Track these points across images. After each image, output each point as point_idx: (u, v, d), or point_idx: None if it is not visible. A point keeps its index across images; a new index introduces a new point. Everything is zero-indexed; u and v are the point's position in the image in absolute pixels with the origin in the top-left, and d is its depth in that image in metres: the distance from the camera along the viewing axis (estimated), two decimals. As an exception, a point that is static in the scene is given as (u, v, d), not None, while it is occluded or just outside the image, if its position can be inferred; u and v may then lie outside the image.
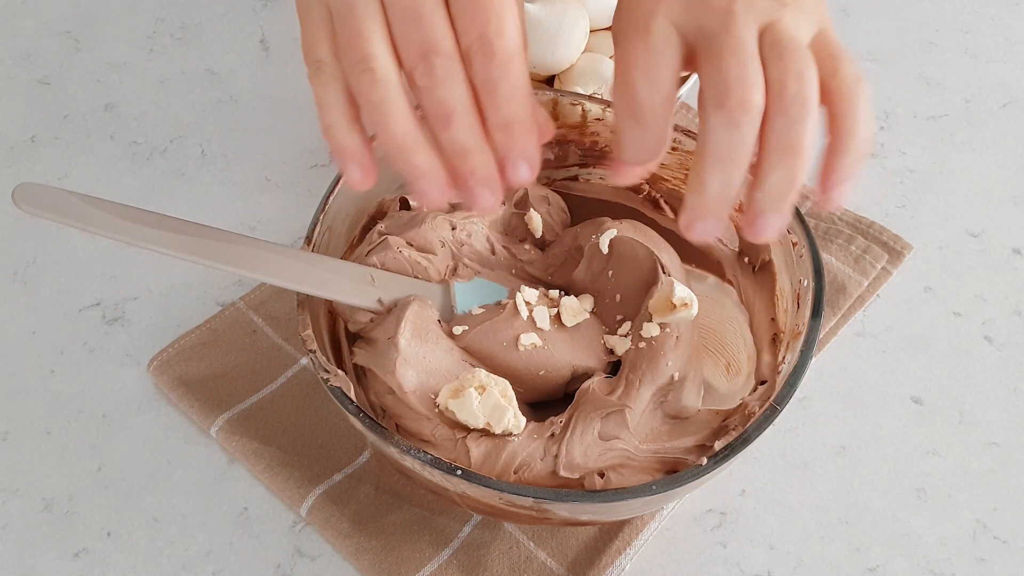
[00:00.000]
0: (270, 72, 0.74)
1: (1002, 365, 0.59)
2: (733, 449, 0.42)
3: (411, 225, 0.52)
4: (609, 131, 0.54)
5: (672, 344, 0.49)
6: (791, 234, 0.49)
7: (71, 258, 0.63)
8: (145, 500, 0.53)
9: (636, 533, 0.51)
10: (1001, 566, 0.51)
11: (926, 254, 0.64)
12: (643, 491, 0.41)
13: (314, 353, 0.44)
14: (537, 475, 0.45)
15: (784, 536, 0.52)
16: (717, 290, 0.55)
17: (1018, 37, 0.77)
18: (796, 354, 0.45)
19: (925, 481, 0.54)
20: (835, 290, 0.60)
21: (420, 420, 0.47)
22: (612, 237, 0.52)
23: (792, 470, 0.55)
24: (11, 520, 0.52)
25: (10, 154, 0.69)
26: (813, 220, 0.64)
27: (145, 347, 0.59)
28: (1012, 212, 0.66)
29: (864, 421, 0.56)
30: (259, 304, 0.60)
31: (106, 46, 0.76)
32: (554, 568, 0.50)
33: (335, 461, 0.53)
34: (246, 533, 0.52)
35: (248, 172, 0.68)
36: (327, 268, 0.48)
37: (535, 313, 0.50)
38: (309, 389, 0.56)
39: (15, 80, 0.74)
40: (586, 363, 0.50)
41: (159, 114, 0.71)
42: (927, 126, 0.71)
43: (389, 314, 0.49)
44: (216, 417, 0.54)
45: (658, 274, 0.51)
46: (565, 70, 0.61)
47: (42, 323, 0.60)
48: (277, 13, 0.77)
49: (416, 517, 0.52)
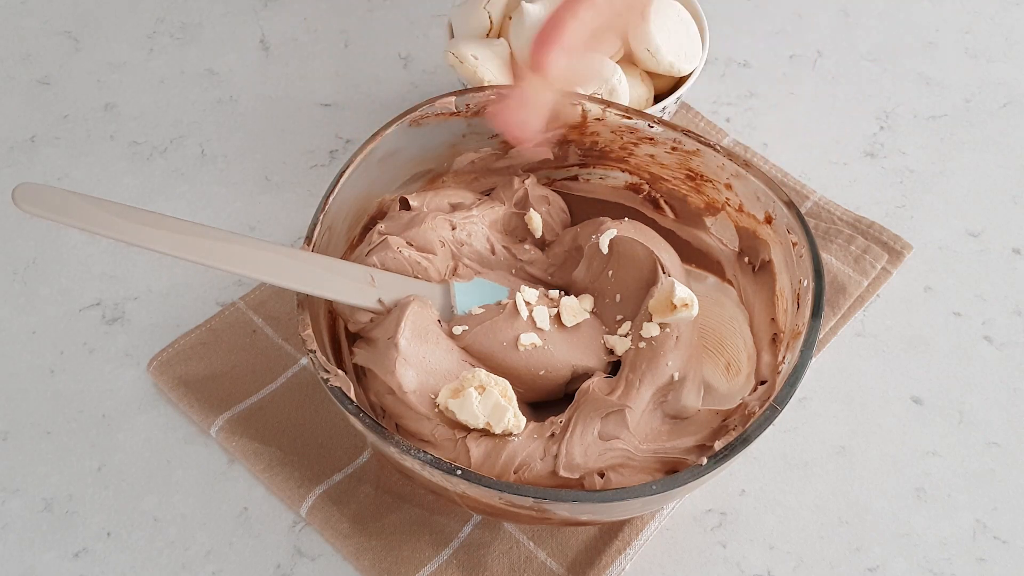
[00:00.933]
0: (270, 72, 0.74)
1: (1002, 365, 0.59)
2: (733, 449, 0.42)
3: (411, 225, 0.52)
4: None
5: (672, 344, 0.49)
6: (791, 234, 0.49)
7: (71, 258, 0.63)
8: (145, 500, 0.53)
9: (636, 533, 0.51)
10: (1001, 566, 0.51)
11: (926, 254, 0.64)
12: (643, 491, 0.41)
13: (314, 353, 0.44)
14: (537, 475, 0.45)
15: (784, 536, 0.52)
16: (717, 290, 0.55)
17: (1018, 37, 0.77)
18: (796, 354, 0.45)
19: (925, 481, 0.54)
20: (835, 290, 0.60)
21: (420, 420, 0.47)
22: (612, 237, 0.53)
23: (792, 470, 0.55)
24: (11, 520, 0.52)
25: (10, 154, 0.69)
26: (813, 220, 0.64)
27: (145, 347, 0.59)
28: (1012, 212, 0.66)
29: (864, 421, 0.56)
30: (259, 304, 0.60)
31: (106, 46, 0.76)
32: (554, 568, 0.50)
33: (335, 461, 0.54)
34: (246, 533, 0.52)
35: (248, 172, 0.68)
36: (327, 268, 0.48)
37: (535, 313, 0.50)
38: (309, 389, 0.56)
39: (15, 80, 0.74)
40: (586, 363, 0.50)
41: (159, 114, 0.71)
42: (927, 126, 0.71)
43: (389, 314, 0.49)
44: (216, 417, 0.54)
45: (658, 274, 0.51)
46: (565, 70, 0.61)
47: (42, 323, 0.60)
48: (277, 13, 0.77)
49: (416, 517, 0.52)
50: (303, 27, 0.76)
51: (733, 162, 0.51)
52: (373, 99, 0.72)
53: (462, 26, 0.64)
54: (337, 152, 0.69)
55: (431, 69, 0.74)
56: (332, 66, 0.74)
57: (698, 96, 0.72)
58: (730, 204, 0.54)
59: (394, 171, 0.54)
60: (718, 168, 0.53)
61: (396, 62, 0.75)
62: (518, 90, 0.52)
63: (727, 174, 0.52)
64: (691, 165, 0.54)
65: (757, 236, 0.53)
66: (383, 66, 0.74)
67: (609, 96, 0.60)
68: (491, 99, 0.53)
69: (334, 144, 0.69)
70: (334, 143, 0.69)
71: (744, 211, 0.53)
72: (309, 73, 0.74)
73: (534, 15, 0.59)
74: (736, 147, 0.68)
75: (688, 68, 0.62)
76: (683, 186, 0.55)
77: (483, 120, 0.54)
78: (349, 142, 0.69)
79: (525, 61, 0.58)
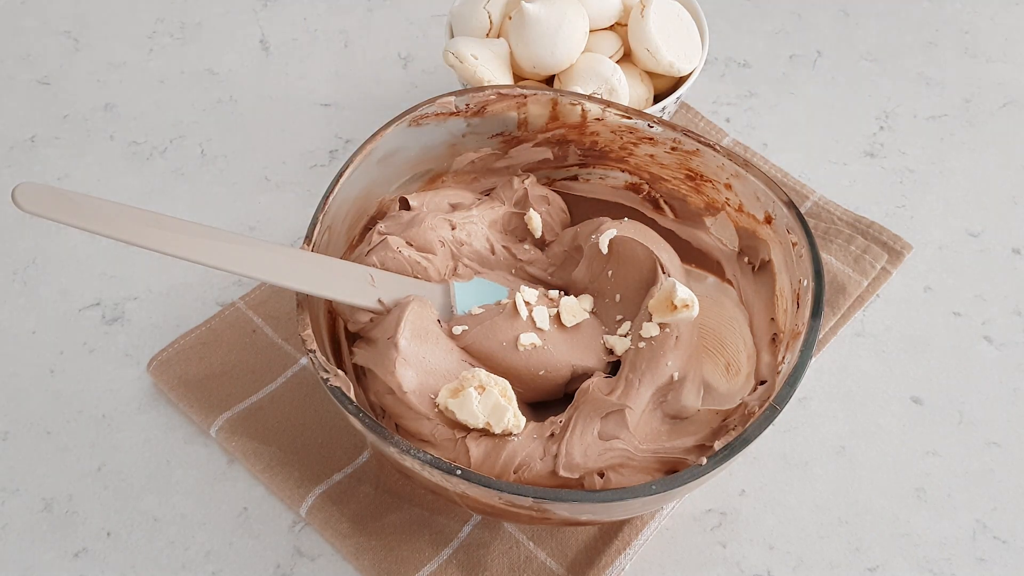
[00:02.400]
0: (270, 72, 0.74)
1: (1002, 365, 0.59)
2: (733, 449, 0.42)
3: (411, 225, 0.52)
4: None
5: (672, 344, 0.49)
6: (791, 234, 0.49)
7: (71, 258, 0.63)
8: (145, 500, 0.53)
9: (636, 533, 0.51)
10: (1001, 566, 0.51)
11: (926, 254, 0.64)
12: (643, 491, 0.41)
13: (314, 353, 0.44)
14: (537, 475, 0.45)
15: (784, 536, 0.52)
16: (717, 290, 0.55)
17: (1018, 37, 0.77)
18: (796, 354, 0.45)
19: (925, 481, 0.54)
20: (835, 290, 0.60)
21: (420, 420, 0.47)
22: (612, 237, 0.53)
23: (792, 470, 0.55)
24: (11, 520, 0.52)
25: (10, 154, 0.69)
26: (813, 220, 0.64)
27: (145, 347, 0.59)
28: (1012, 212, 0.66)
29: (864, 421, 0.56)
30: (259, 304, 0.60)
31: (106, 46, 0.76)
32: (554, 568, 0.50)
33: (335, 461, 0.54)
34: (246, 533, 0.52)
35: (248, 172, 0.68)
36: (327, 268, 0.48)
37: (535, 313, 0.50)
38: (309, 389, 0.56)
39: (15, 80, 0.74)
40: (586, 363, 0.50)
41: (159, 114, 0.71)
42: (927, 126, 0.71)
43: (389, 314, 0.49)
44: (216, 417, 0.54)
45: (658, 274, 0.51)
46: (565, 70, 0.61)
47: (42, 323, 0.60)
48: (277, 13, 0.77)
49: (416, 517, 0.52)
50: (303, 27, 0.76)
51: (733, 162, 0.51)
52: (373, 99, 0.72)
53: (462, 26, 0.64)
54: (337, 152, 0.69)
55: (431, 69, 0.74)
56: (332, 66, 0.74)
57: (698, 96, 0.72)
58: (730, 204, 0.54)
59: (394, 171, 0.54)
60: (718, 168, 0.53)
61: (396, 62, 0.75)
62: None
63: (727, 174, 0.52)
64: (691, 165, 0.54)
65: (757, 236, 0.53)
66: (383, 66, 0.74)
67: (609, 96, 0.60)
68: (490, 99, 0.53)
69: (334, 144, 0.69)
70: (334, 143, 0.69)
71: (744, 211, 0.53)
72: (309, 73, 0.74)
73: (534, 15, 0.59)
74: (736, 147, 0.68)
75: (688, 68, 0.63)
76: (683, 186, 0.55)
77: (483, 120, 0.54)
78: (349, 142, 0.69)
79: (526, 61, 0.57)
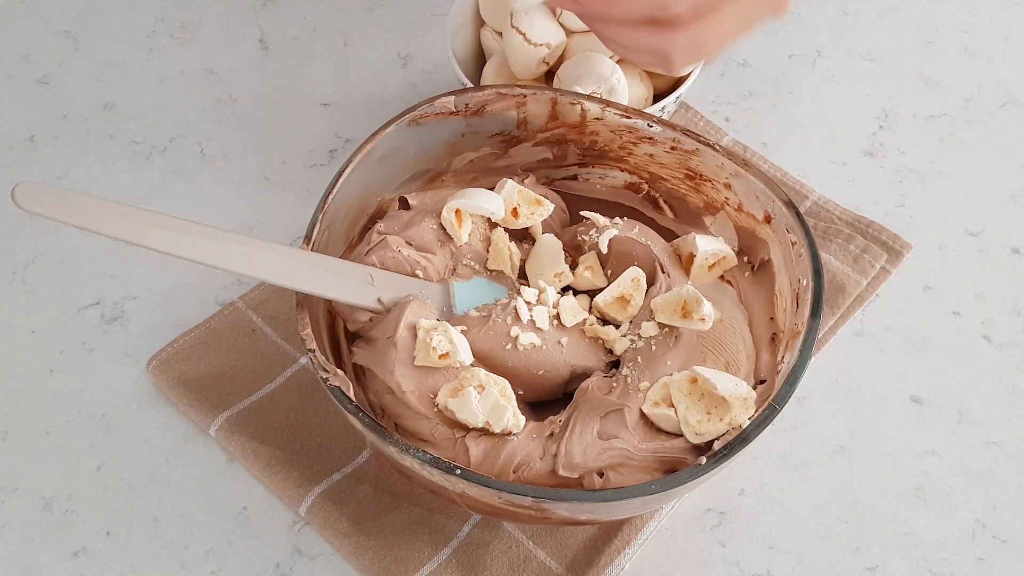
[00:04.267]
0: (269, 72, 0.74)
1: (1002, 365, 0.59)
2: (732, 448, 0.42)
3: (410, 224, 0.52)
4: None
5: (671, 344, 0.49)
6: (790, 233, 0.49)
7: (70, 258, 0.63)
8: (144, 499, 0.53)
9: (635, 533, 0.51)
10: (1000, 566, 0.51)
11: (925, 253, 0.64)
12: (642, 491, 0.41)
13: (313, 352, 0.44)
14: (536, 474, 0.45)
15: (783, 536, 0.52)
16: (716, 290, 0.55)
17: (1018, 37, 0.77)
18: (795, 353, 0.45)
19: (924, 480, 0.54)
20: (834, 289, 0.60)
21: (419, 419, 0.47)
22: (612, 237, 0.53)
23: (791, 469, 0.55)
24: (11, 520, 0.52)
25: (10, 154, 0.69)
26: (812, 220, 0.64)
27: (144, 346, 0.59)
28: (1012, 211, 0.66)
29: (863, 420, 0.56)
30: (258, 303, 0.60)
31: (105, 46, 0.76)
32: (553, 568, 0.50)
33: (334, 461, 0.54)
34: (245, 532, 0.52)
35: (248, 172, 0.68)
36: (326, 267, 0.48)
37: (535, 313, 0.50)
38: (308, 389, 0.56)
39: (15, 80, 0.74)
40: (585, 363, 0.50)
41: (158, 113, 0.71)
42: (926, 126, 0.71)
43: (388, 313, 0.49)
44: (215, 416, 0.54)
45: (657, 274, 0.51)
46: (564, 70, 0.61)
47: (41, 322, 0.60)
48: (277, 13, 0.77)
49: (415, 516, 0.52)
50: (302, 26, 0.76)
51: (732, 161, 0.51)
52: (372, 99, 0.72)
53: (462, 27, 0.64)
54: (336, 152, 0.69)
55: (430, 69, 0.74)
56: (331, 65, 0.74)
57: (697, 95, 0.72)
58: (729, 203, 0.54)
59: (393, 170, 0.54)
60: (717, 167, 0.53)
61: (395, 61, 0.75)
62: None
63: (726, 173, 0.52)
64: (690, 164, 0.54)
65: (756, 235, 0.53)
66: (382, 65, 0.74)
67: (608, 95, 0.60)
68: (490, 98, 0.53)
69: (333, 144, 0.69)
70: (333, 142, 0.69)
71: (743, 210, 0.53)
72: (308, 72, 0.74)
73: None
74: (735, 146, 0.68)
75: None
76: (682, 185, 0.55)
77: (482, 119, 0.54)
78: (348, 141, 0.69)
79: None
